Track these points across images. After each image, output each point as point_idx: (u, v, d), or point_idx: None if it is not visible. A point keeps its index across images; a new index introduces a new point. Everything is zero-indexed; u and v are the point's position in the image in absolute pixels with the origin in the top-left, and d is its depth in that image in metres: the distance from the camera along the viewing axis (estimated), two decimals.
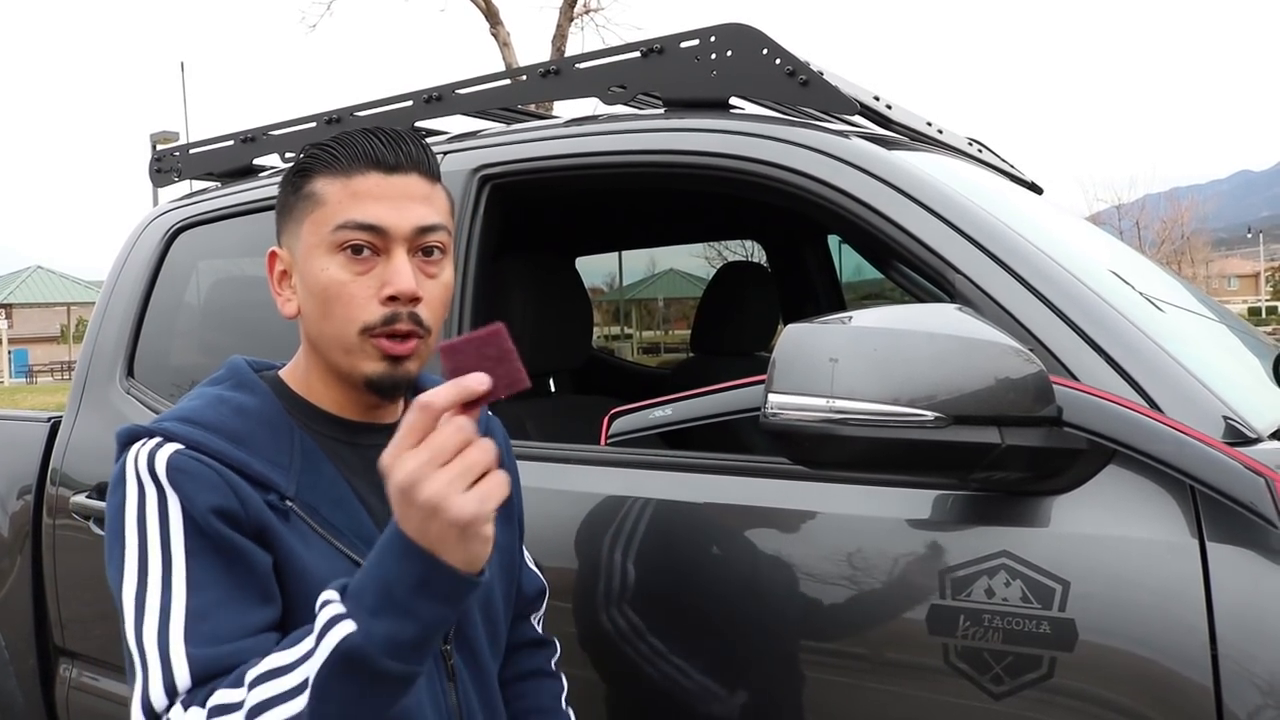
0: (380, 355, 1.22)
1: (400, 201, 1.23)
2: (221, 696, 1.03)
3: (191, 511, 1.12)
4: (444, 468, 0.96)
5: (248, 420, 1.22)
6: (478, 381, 0.99)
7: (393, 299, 1.20)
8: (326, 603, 1.02)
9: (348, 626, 0.98)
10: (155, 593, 1.09)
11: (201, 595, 1.09)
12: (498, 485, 0.98)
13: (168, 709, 1.05)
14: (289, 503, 1.19)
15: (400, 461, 0.97)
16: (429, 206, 1.25)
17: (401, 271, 1.20)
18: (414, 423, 0.97)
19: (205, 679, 1.05)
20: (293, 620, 1.15)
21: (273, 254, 1.30)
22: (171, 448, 1.15)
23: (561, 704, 1.51)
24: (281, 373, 1.32)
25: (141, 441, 1.17)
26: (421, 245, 1.24)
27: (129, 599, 1.10)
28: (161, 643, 1.07)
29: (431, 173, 1.28)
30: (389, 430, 1.06)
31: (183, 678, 1.05)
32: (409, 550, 0.98)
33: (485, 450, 0.98)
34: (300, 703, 0.99)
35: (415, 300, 1.21)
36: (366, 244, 1.21)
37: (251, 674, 1.02)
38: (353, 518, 1.24)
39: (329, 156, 1.24)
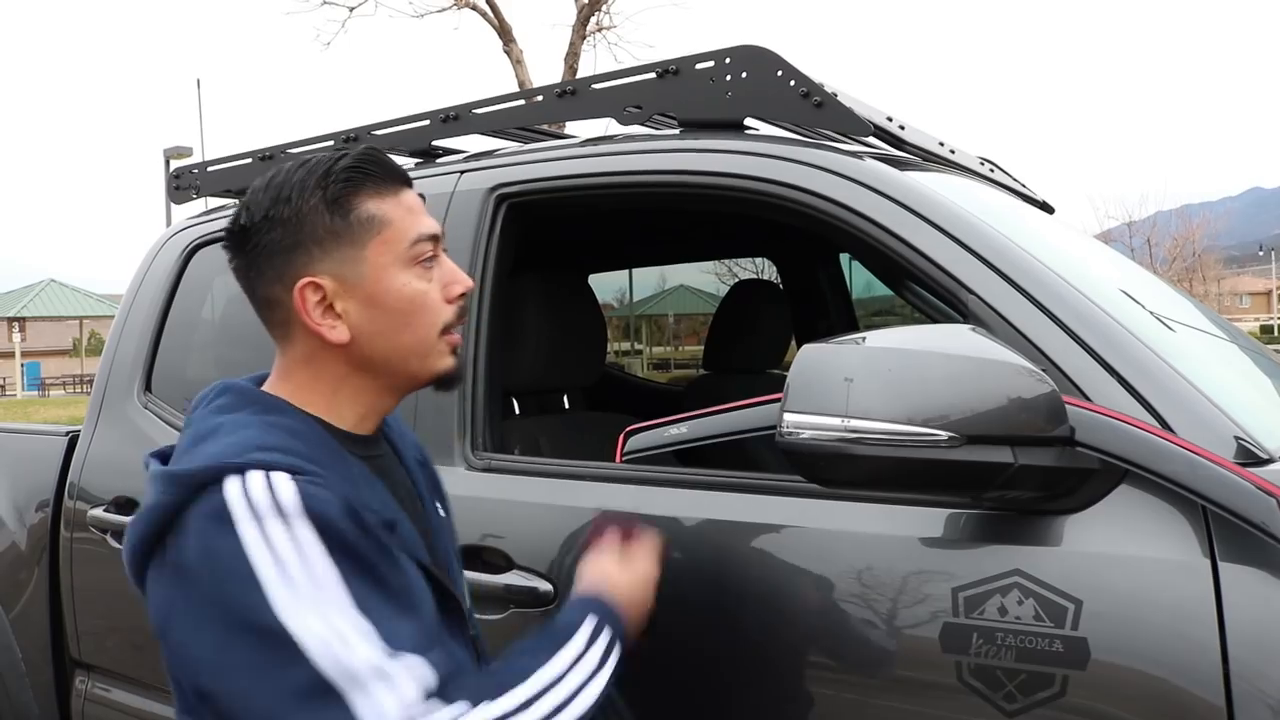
0: (449, 350, 1.34)
1: (425, 210, 1.35)
2: (490, 710, 1.12)
3: (338, 535, 1.12)
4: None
5: (307, 443, 1.22)
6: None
7: (461, 295, 1.34)
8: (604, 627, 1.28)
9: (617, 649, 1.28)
10: (329, 618, 1.08)
11: (375, 610, 1.11)
12: None
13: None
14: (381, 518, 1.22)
15: (648, 564, 1.44)
16: None
17: (460, 271, 1.36)
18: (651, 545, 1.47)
19: (437, 691, 1.10)
20: None
21: (308, 285, 1.26)
22: (283, 479, 1.12)
23: None
24: (282, 395, 1.31)
25: (238, 479, 1.12)
26: (443, 247, 1.36)
27: (302, 630, 1.07)
28: (369, 662, 1.07)
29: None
30: (380, 441, 1.39)
31: (410, 689, 1.09)
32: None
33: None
34: (582, 705, 1.19)
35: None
36: (432, 253, 1.32)
37: (525, 690, 1.16)
38: (407, 527, 1.28)
39: (371, 179, 1.28)
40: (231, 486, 1.11)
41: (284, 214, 1.26)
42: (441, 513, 1.48)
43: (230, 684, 1.09)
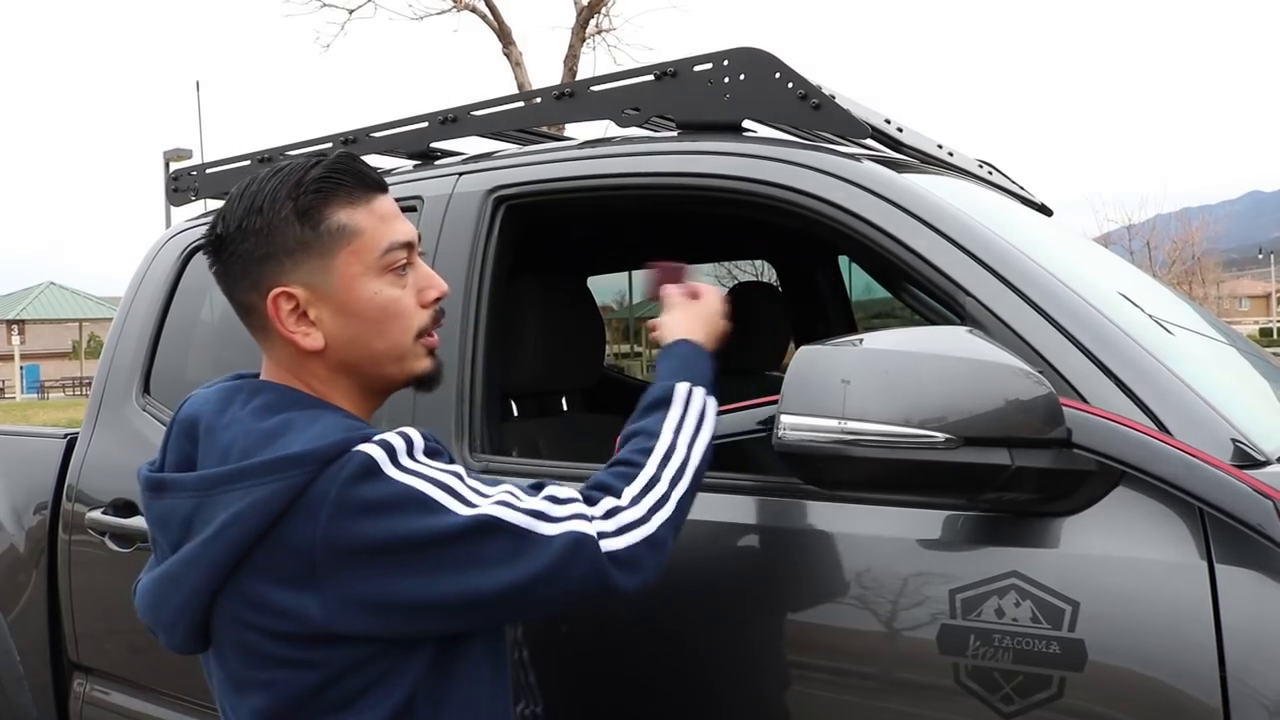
0: (427, 352, 1.38)
1: (401, 217, 1.37)
2: (631, 491, 1.33)
3: (456, 466, 1.26)
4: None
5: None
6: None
7: (436, 300, 1.37)
8: (695, 389, 1.48)
9: (713, 403, 1.48)
10: (496, 492, 1.24)
11: (527, 499, 1.26)
12: None
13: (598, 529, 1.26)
14: None
15: (717, 295, 1.65)
16: None
17: (435, 276, 1.38)
18: (702, 287, 1.67)
19: (587, 492, 1.32)
20: None
21: (280, 295, 1.28)
22: (400, 434, 1.23)
23: None
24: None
25: (365, 445, 1.19)
26: (419, 251, 1.39)
27: (490, 507, 1.21)
28: (539, 499, 1.26)
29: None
30: None
31: (576, 497, 1.29)
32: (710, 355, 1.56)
33: None
34: (698, 458, 1.42)
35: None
36: (405, 260, 1.34)
37: (654, 460, 1.37)
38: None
39: (341, 188, 1.30)
40: (365, 448, 1.19)
41: (256, 224, 1.28)
42: None
43: (444, 588, 1.19)
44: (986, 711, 1.37)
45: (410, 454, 1.21)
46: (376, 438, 1.20)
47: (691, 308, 1.62)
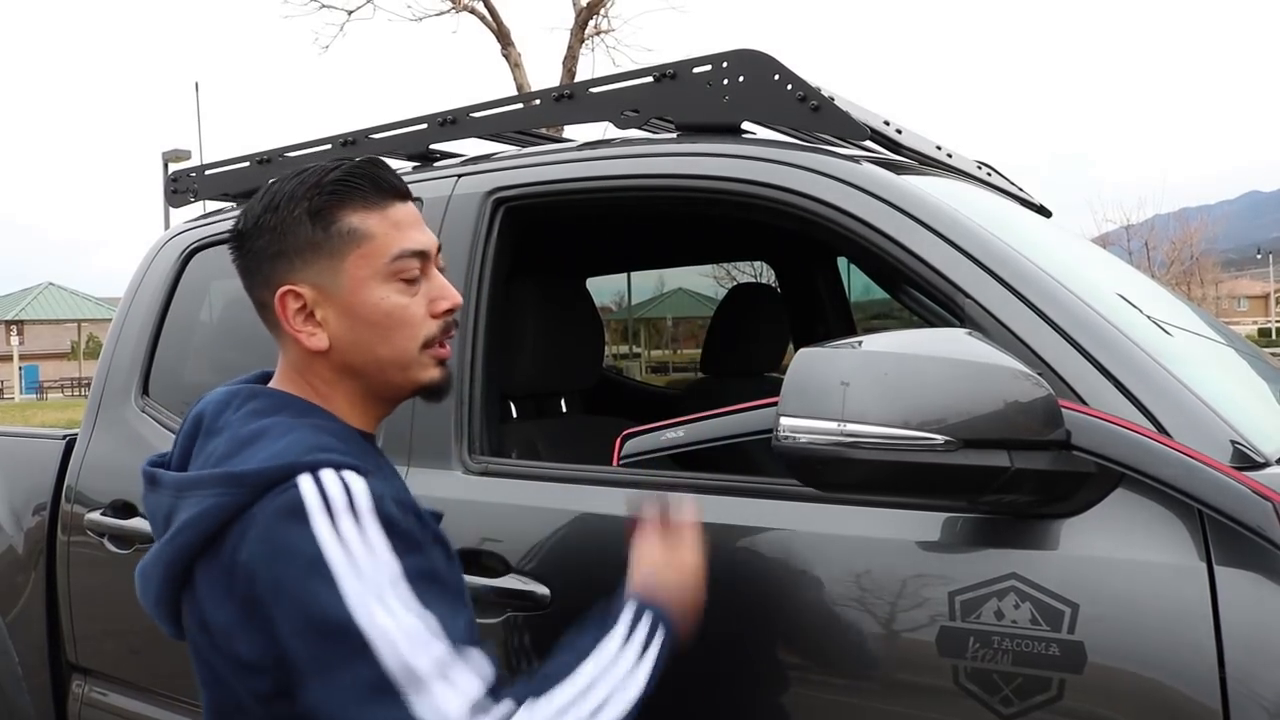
0: (436, 362, 1.35)
1: (421, 225, 1.36)
2: (536, 710, 1.15)
3: (403, 532, 1.17)
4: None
5: (351, 444, 1.27)
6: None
7: (448, 311, 1.35)
8: (644, 614, 1.29)
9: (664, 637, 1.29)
10: (396, 615, 1.10)
11: (439, 609, 1.14)
12: None
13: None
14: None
15: (693, 553, 1.41)
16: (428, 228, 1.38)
17: (449, 287, 1.36)
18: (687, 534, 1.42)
19: (491, 689, 1.14)
20: None
21: (288, 293, 1.30)
22: (353, 475, 1.17)
23: None
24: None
25: (310, 476, 1.15)
26: (439, 264, 1.37)
27: (370, 626, 1.09)
28: (433, 659, 1.10)
29: (413, 196, 1.39)
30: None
31: (471, 687, 1.12)
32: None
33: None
34: (632, 693, 1.21)
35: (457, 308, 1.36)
36: (418, 269, 1.33)
37: (569, 688, 1.18)
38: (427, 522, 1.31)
39: (356, 192, 1.30)
40: (305, 483, 1.15)
41: (271, 222, 1.30)
42: None
43: (299, 675, 1.12)
44: (986, 714, 1.37)
45: (351, 509, 1.14)
46: (326, 472, 1.16)
47: (672, 558, 1.41)
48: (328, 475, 1.16)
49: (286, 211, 1.30)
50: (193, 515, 1.18)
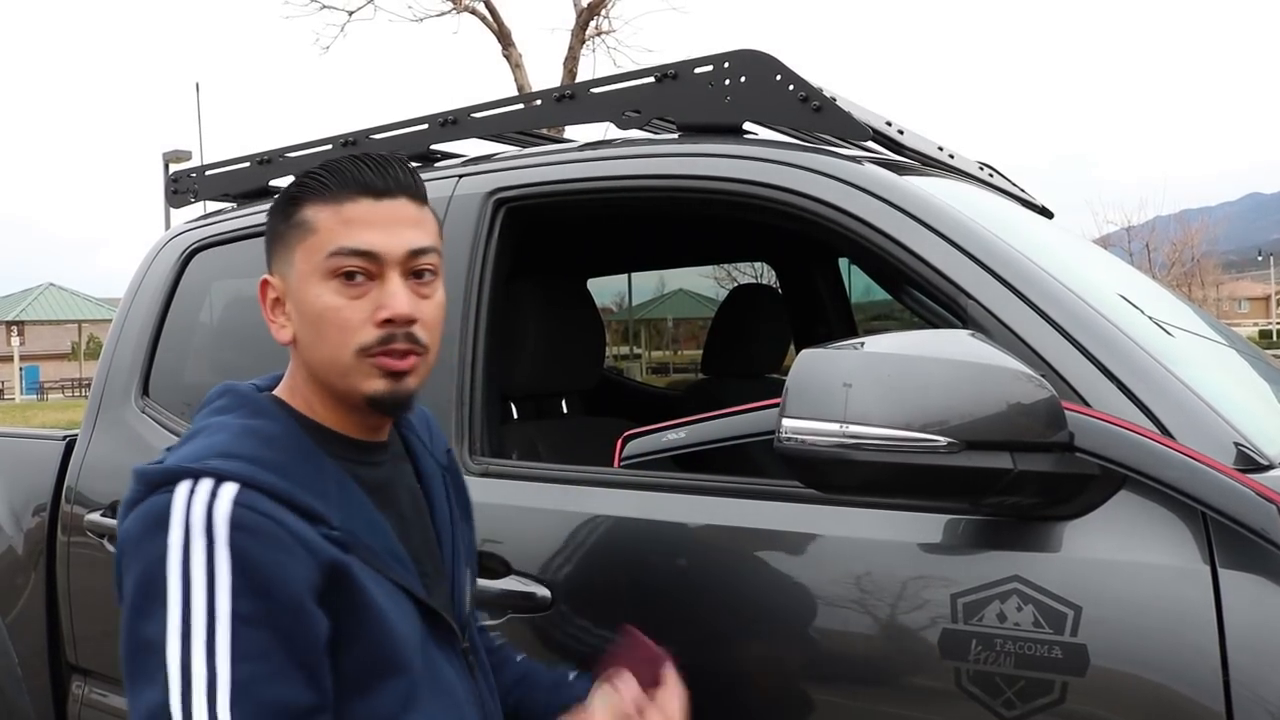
0: (381, 373, 1.24)
1: (391, 226, 1.25)
2: None
3: (256, 574, 1.10)
4: None
5: (281, 450, 1.21)
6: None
7: (389, 321, 1.23)
8: None
9: None
10: (201, 657, 1.06)
11: (250, 666, 1.07)
12: None
13: None
14: (337, 533, 1.18)
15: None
16: (419, 230, 1.28)
17: (397, 295, 1.23)
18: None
19: None
20: (365, 654, 1.18)
21: (265, 282, 1.31)
22: (229, 493, 1.12)
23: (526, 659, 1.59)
24: (280, 395, 1.32)
25: (189, 484, 1.12)
26: (414, 268, 1.26)
27: (173, 658, 1.06)
28: (210, 712, 1.05)
29: (420, 196, 1.30)
30: (386, 447, 1.34)
31: None
32: None
33: None
34: None
35: (411, 322, 1.24)
36: (360, 269, 1.23)
37: None
38: (387, 540, 1.26)
39: (318, 184, 1.26)
40: (180, 491, 1.12)
41: (271, 210, 1.32)
42: (449, 521, 1.43)
43: (124, 674, 1.12)
44: (988, 716, 1.36)
45: (208, 530, 1.09)
46: (204, 483, 1.12)
47: None
48: (203, 487, 1.12)
49: (278, 201, 1.31)
50: (122, 506, 1.20)
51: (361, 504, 1.25)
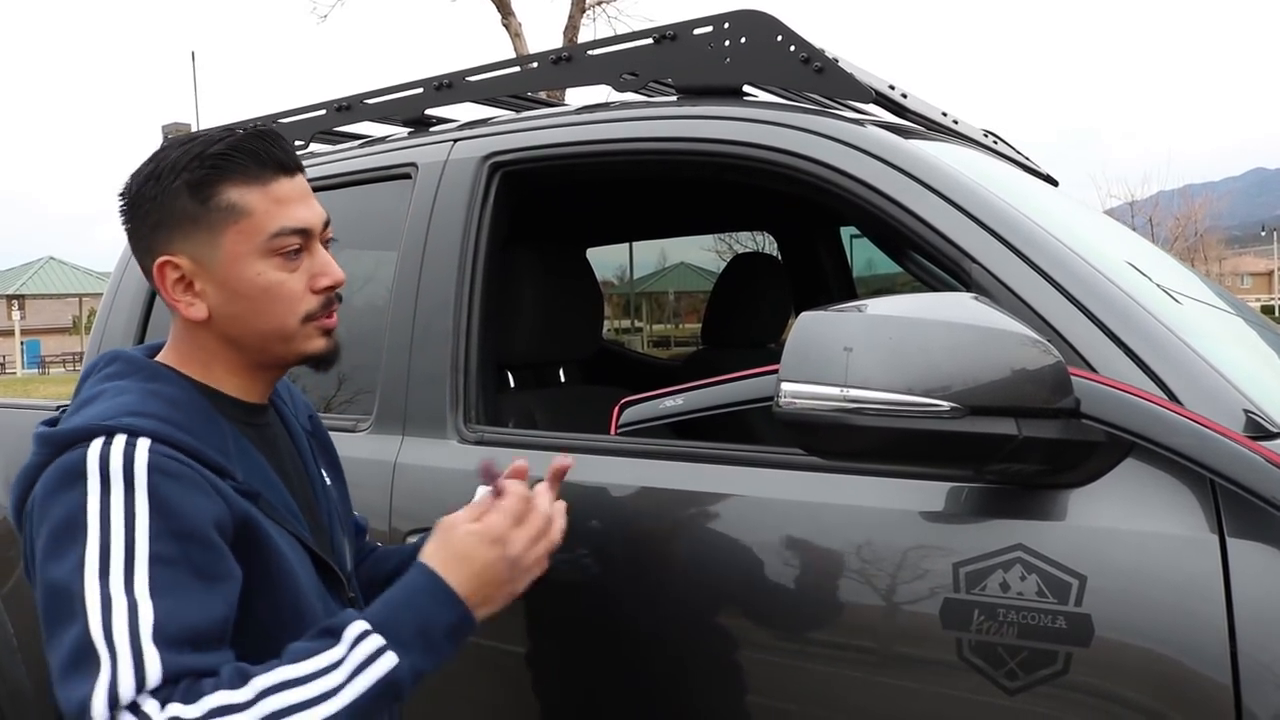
0: (321, 332, 1.36)
1: (308, 200, 1.36)
2: (223, 698, 1.08)
3: (173, 514, 1.15)
4: (539, 541, 1.35)
5: (184, 411, 1.27)
6: (563, 461, 1.46)
7: (329, 288, 1.35)
8: (366, 633, 1.17)
9: (391, 659, 1.16)
10: (120, 590, 1.10)
11: (169, 600, 1.11)
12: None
13: (135, 702, 1.07)
14: (244, 486, 1.26)
15: (514, 536, 1.31)
16: (317, 201, 1.38)
17: (331, 264, 1.36)
18: (514, 506, 1.32)
19: (175, 679, 1.09)
20: (277, 602, 1.25)
21: (166, 264, 1.31)
22: (144, 445, 1.17)
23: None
24: (170, 363, 1.36)
25: (103, 440, 1.17)
26: (326, 237, 1.38)
27: (92, 594, 1.10)
28: (133, 638, 1.08)
29: (303, 168, 1.38)
30: (267, 409, 1.43)
31: (154, 674, 1.08)
32: (452, 600, 1.24)
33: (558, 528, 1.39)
34: (321, 712, 1.11)
35: (341, 284, 1.37)
36: (299, 245, 1.33)
37: (261, 681, 1.11)
38: (280, 495, 1.34)
39: (236, 166, 1.29)
40: (95, 447, 1.17)
41: (153, 192, 1.31)
42: (327, 479, 1.52)
43: (43, 627, 1.14)
44: (990, 687, 1.34)
45: (127, 478, 1.14)
46: (119, 438, 1.17)
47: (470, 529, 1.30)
48: (118, 441, 1.17)
49: (168, 181, 1.29)
50: (18, 475, 1.23)
51: (257, 461, 1.33)
